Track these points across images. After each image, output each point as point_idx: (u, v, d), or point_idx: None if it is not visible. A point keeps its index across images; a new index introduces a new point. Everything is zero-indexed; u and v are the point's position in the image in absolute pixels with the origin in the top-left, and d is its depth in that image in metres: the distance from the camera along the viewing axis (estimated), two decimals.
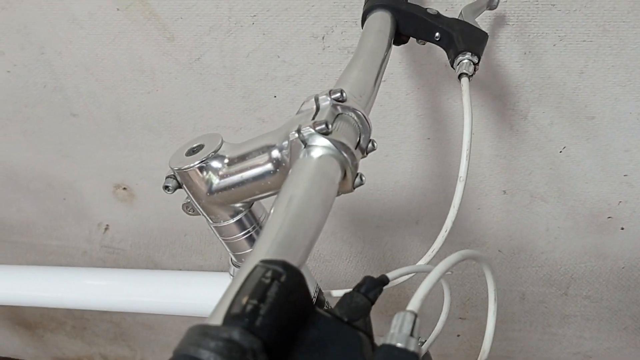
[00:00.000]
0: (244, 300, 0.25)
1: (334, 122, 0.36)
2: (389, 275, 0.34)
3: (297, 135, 0.35)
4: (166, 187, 0.41)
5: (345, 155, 0.35)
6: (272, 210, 0.31)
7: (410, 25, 0.50)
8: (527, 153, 0.76)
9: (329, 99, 0.37)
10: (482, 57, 0.68)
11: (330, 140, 0.34)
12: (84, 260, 1.18)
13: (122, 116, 0.89)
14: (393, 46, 0.54)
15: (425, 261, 0.45)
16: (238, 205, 0.43)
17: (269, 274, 0.26)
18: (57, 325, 1.42)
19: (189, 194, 0.42)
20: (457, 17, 0.52)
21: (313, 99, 0.38)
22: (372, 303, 0.31)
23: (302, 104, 0.38)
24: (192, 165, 0.40)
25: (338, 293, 0.55)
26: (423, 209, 0.87)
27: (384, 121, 0.78)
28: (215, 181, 0.40)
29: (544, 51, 0.66)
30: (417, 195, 0.86)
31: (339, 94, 0.37)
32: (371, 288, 0.32)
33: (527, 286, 0.92)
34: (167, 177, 0.42)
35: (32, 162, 1.02)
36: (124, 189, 1.00)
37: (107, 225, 1.09)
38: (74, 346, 1.47)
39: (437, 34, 0.49)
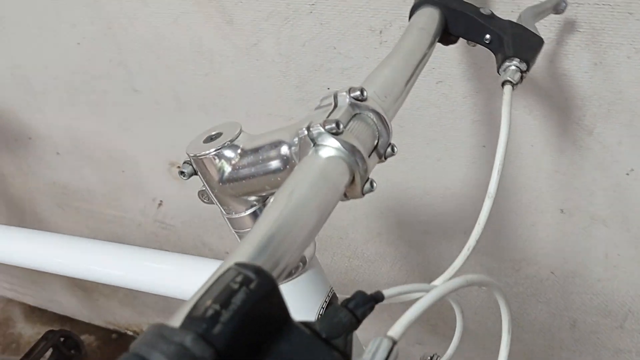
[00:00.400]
0: (207, 303, 0.24)
1: (349, 122, 0.34)
2: (386, 292, 0.32)
3: (306, 132, 0.33)
4: (182, 173, 0.41)
5: (354, 158, 0.32)
6: (265, 209, 0.30)
7: (460, 25, 0.47)
8: (590, 172, 0.70)
9: (348, 96, 0.35)
10: (546, 65, 0.63)
11: (339, 141, 0.32)
12: (138, 232, 1.21)
13: (180, 96, 0.90)
14: (453, 46, 0.51)
15: (445, 278, 0.42)
16: (251, 198, 0.41)
17: (238, 278, 0.25)
18: (111, 292, 1.47)
19: (203, 181, 0.41)
20: (514, 20, 0.48)
21: (332, 95, 0.36)
22: (359, 321, 0.29)
23: (322, 99, 0.36)
24: (206, 152, 0.39)
25: None
26: (473, 219, 0.83)
27: (438, 124, 0.75)
28: (228, 170, 0.39)
29: (616, 63, 0.60)
30: (467, 205, 0.82)
31: (358, 93, 0.35)
32: (360, 304, 0.30)
33: (580, 314, 0.86)
34: (183, 163, 0.41)
35: (96, 132, 1.05)
36: (178, 167, 1.02)
37: (161, 201, 1.11)
38: (125, 313, 1.52)
39: (487, 36, 0.45)
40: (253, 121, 0.87)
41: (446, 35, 0.48)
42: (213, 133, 0.41)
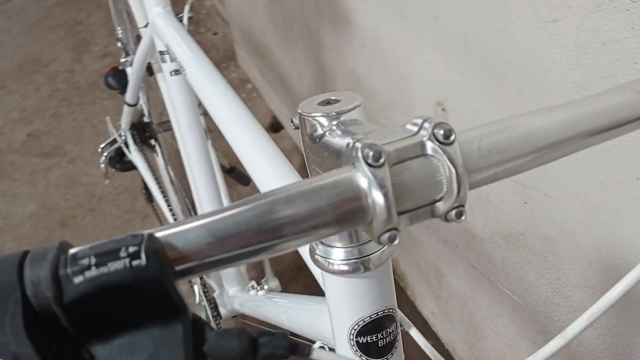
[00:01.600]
0: (89, 252, 0.24)
1: (407, 159, 0.28)
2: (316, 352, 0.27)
3: (349, 145, 0.28)
4: (292, 121, 0.39)
5: (370, 200, 0.27)
6: (255, 196, 0.27)
7: None
8: None
9: (429, 129, 0.28)
10: None
11: (372, 173, 0.27)
12: None
13: (469, 42, 0.84)
14: None
15: None
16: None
17: (131, 249, 0.24)
18: None
19: (301, 137, 0.39)
20: None
21: (422, 120, 0.29)
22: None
23: (415, 118, 0.30)
24: (308, 114, 0.36)
25: None
26: None
27: None
28: (317, 135, 0.36)
29: None
30: None
31: (443, 132, 0.28)
32: (271, 347, 0.26)
33: None
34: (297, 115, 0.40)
35: (395, 43, 1.06)
36: (443, 109, 0.97)
37: None
38: None
39: None
40: (508, 99, 0.77)
41: None
42: (333, 98, 0.37)
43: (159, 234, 0.25)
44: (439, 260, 1.22)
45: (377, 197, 0.27)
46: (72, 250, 0.24)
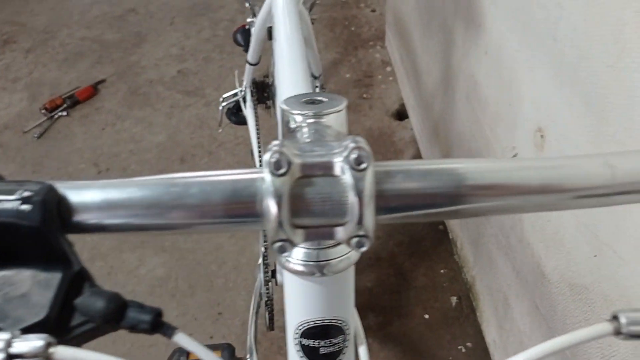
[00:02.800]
0: None
1: (314, 176, 0.27)
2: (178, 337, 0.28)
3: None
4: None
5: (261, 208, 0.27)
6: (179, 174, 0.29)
7: None
8: None
9: (347, 150, 0.27)
10: None
11: (271, 180, 0.27)
12: None
13: (579, 74, 0.77)
14: None
15: None
16: None
17: (26, 193, 0.26)
18: None
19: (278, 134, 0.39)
20: None
21: (350, 140, 0.28)
22: (108, 324, 0.27)
23: (348, 137, 0.29)
24: (292, 111, 0.37)
25: None
26: None
27: None
28: (291, 130, 0.36)
29: None
30: None
31: (356, 157, 0.27)
32: (136, 316, 0.28)
33: None
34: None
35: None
36: (541, 135, 0.91)
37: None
38: None
39: None
40: (600, 142, 0.70)
41: None
42: (318, 98, 0.37)
43: (61, 187, 0.27)
44: (510, 290, 1.15)
45: (271, 204, 0.27)
46: None
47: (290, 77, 0.67)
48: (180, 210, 0.27)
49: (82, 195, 0.27)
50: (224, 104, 1.51)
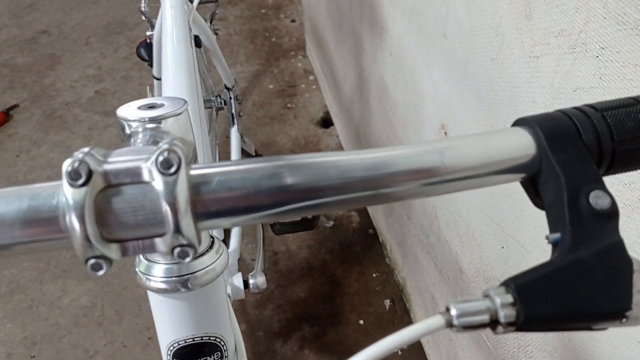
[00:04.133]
0: None
1: (123, 185, 0.25)
2: None
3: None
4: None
5: None
6: None
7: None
8: None
9: (156, 154, 0.25)
10: None
11: (70, 193, 0.24)
12: None
13: (468, 67, 0.78)
14: None
15: None
16: None
17: None
18: None
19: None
20: None
21: (160, 141, 0.26)
22: None
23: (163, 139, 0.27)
24: (127, 117, 0.35)
25: None
26: None
27: None
28: (126, 136, 0.34)
29: None
30: None
31: (163, 159, 0.25)
32: None
33: None
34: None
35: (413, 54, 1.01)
36: (445, 133, 0.92)
37: None
38: None
39: None
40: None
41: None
42: (158, 102, 0.35)
43: None
44: (435, 288, 1.16)
45: (73, 219, 0.24)
46: None
47: (173, 87, 0.65)
48: None
49: None
50: None
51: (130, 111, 0.33)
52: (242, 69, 2.40)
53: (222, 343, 0.41)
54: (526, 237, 0.71)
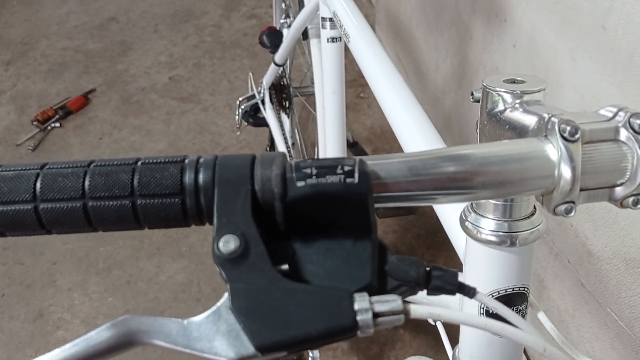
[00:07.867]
0: (311, 163, 0.29)
1: (599, 141, 0.30)
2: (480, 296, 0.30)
3: (543, 119, 0.31)
4: (472, 94, 0.42)
5: (555, 171, 0.29)
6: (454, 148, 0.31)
7: None
8: None
9: (627, 118, 0.30)
10: None
11: (564, 146, 0.29)
12: None
13: (635, 59, 0.82)
14: None
15: None
16: None
17: (347, 168, 0.28)
18: None
19: (480, 110, 0.42)
20: None
21: (617, 108, 0.31)
22: (420, 288, 0.29)
23: (609, 105, 0.32)
24: (495, 88, 0.39)
25: None
26: None
27: None
28: (499, 110, 0.38)
29: None
30: None
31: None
32: (442, 280, 0.29)
33: None
34: (479, 89, 0.42)
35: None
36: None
37: None
38: None
39: None
40: None
41: None
42: (518, 79, 0.39)
43: (367, 161, 0.29)
44: (545, 272, 1.20)
45: (565, 170, 0.29)
46: (295, 160, 0.29)
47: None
48: (480, 176, 0.29)
49: (388, 168, 0.29)
50: (241, 107, 1.52)
51: (499, 84, 0.38)
52: None
53: (528, 292, 0.46)
54: None
